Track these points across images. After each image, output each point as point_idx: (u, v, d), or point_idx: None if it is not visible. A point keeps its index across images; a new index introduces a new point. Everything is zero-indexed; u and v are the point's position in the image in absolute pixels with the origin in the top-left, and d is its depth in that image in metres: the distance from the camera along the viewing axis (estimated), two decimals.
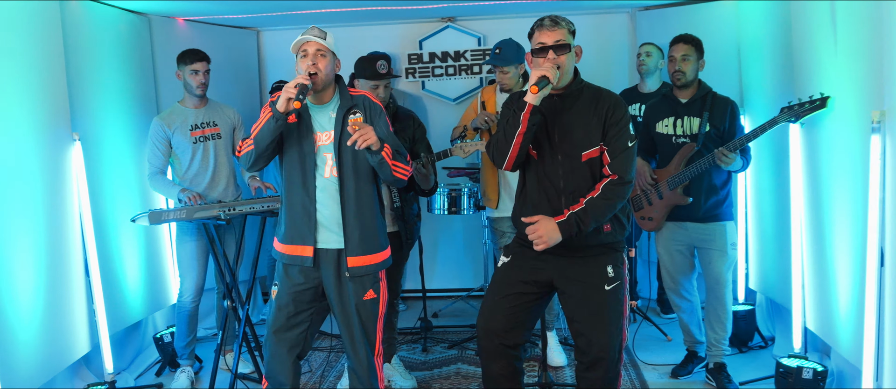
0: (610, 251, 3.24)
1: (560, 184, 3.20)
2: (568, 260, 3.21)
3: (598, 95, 3.23)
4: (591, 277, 3.20)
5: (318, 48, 3.26)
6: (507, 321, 3.29)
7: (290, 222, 3.38)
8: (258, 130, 3.21)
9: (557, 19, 3.13)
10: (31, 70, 3.94)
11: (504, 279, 3.36)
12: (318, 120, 3.36)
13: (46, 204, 4.00)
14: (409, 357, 5.05)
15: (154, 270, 5.12)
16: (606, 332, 3.16)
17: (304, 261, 3.36)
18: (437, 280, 6.62)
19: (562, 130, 3.19)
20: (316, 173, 3.33)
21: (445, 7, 6.06)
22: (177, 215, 4.13)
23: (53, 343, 4.01)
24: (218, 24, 6.14)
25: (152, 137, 4.54)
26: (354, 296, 3.40)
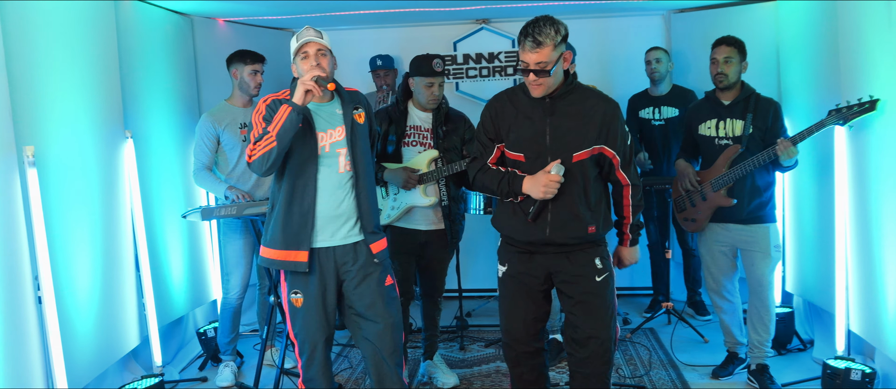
0: (594, 245, 3.37)
1: None
2: (559, 257, 3.33)
3: (589, 97, 3.29)
4: (583, 269, 3.33)
5: (319, 48, 3.33)
6: (527, 328, 3.44)
7: (285, 226, 3.36)
8: (279, 126, 3.16)
9: (540, 38, 3.06)
10: (89, 68, 4.02)
11: (510, 290, 3.47)
12: (321, 118, 3.40)
13: (102, 200, 4.08)
14: (447, 355, 5.10)
15: (196, 266, 5.21)
16: (601, 320, 3.31)
17: (298, 266, 3.36)
18: (471, 280, 6.66)
19: (553, 133, 3.24)
20: (323, 171, 3.36)
21: (480, 9, 6.12)
22: (227, 212, 4.20)
23: (107, 336, 4.08)
24: (256, 25, 6.21)
25: (201, 133, 4.60)
26: (378, 283, 3.47)
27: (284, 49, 6.48)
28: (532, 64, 3.10)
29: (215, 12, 5.63)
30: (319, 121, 3.38)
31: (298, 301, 3.45)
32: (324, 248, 3.40)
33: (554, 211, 3.26)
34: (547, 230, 3.28)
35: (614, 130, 3.26)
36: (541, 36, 3.06)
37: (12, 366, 3.11)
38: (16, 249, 3.17)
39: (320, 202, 3.36)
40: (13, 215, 3.17)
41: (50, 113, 3.64)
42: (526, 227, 3.31)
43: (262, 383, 4.51)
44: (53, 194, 3.60)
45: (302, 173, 3.34)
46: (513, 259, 3.43)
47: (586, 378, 3.38)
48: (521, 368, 3.52)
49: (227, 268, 4.72)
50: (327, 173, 3.37)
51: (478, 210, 5.44)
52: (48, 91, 3.63)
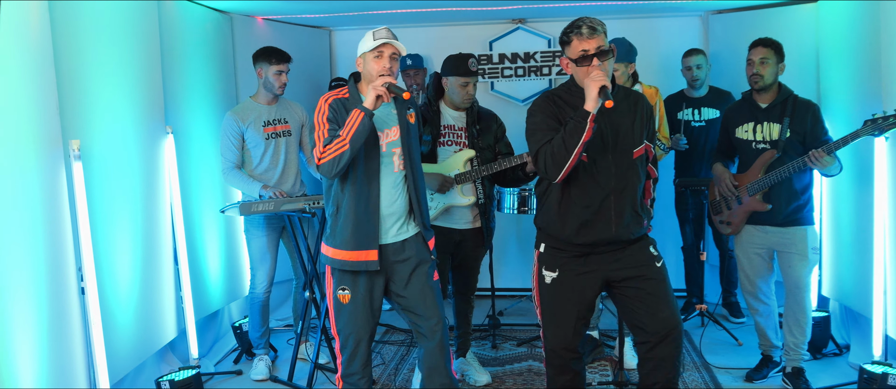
0: (646, 237, 3.43)
1: (612, 183, 3.27)
2: (614, 255, 3.34)
3: (632, 94, 3.39)
4: (642, 260, 3.35)
5: (394, 52, 3.38)
6: (576, 337, 3.43)
7: (355, 227, 3.40)
8: (352, 132, 3.21)
9: (595, 25, 3.13)
10: (133, 65, 4.11)
11: (563, 298, 3.41)
12: (383, 119, 3.45)
13: (144, 194, 4.17)
14: (479, 353, 5.12)
15: (233, 261, 5.28)
16: (670, 306, 3.34)
17: (369, 265, 3.41)
18: (504, 279, 6.68)
19: (613, 130, 3.27)
20: (384, 170, 3.42)
21: (516, 9, 6.13)
22: (266, 207, 4.27)
23: (146, 327, 4.17)
24: (294, 23, 6.27)
25: (226, 131, 4.63)
26: (427, 277, 3.53)
27: (319, 47, 6.61)
28: (592, 49, 3.12)
29: (254, 10, 5.70)
30: (379, 121, 3.43)
31: (345, 298, 3.48)
32: (384, 245, 3.47)
33: (617, 208, 3.26)
34: (613, 228, 3.27)
35: (652, 126, 3.37)
36: (594, 23, 3.13)
37: (56, 354, 3.19)
38: (61, 240, 3.25)
39: (383, 200, 3.43)
40: (59, 207, 3.25)
41: (95, 108, 3.72)
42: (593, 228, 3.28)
43: (296, 377, 4.58)
44: (97, 188, 3.68)
45: (367, 173, 3.40)
46: (565, 265, 3.38)
47: (659, 363, 3.36)
48: (566, 376, 3.47)
49: (254, 263, 4.78)
50: (385, 173, 3.44)
51: (512, 210, 5.46)
52: (94, 87, 3.72)
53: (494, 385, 4.57)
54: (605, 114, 3.19)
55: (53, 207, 3.21)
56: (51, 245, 3.17)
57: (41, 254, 3.11)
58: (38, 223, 3.09)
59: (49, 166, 3.17)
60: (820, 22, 5.16)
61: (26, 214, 3.04)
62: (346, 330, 3.51)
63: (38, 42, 3.10)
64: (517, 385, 4.57)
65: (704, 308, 5.42)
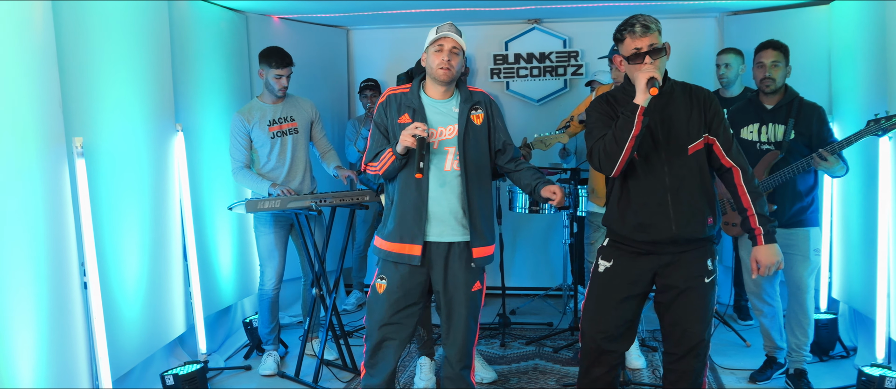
0: (710, 243, 3.32)
1: (666, 181, 3.23)
2: (672, 256, 3.28)
3: (689, 89, 3.30)
4: (694, 271, 3.28)
5: (454, 46, 3.39)
6: (617, 328, 3.38)
7: (400, 219, 3.46)
8: (384, 168, 3.41)
9: (648, 23, 3.12)
10: (141, 63, 4.17)
11: (611, 285, 3.39)
12: (440, 115, 3.47)
13: (152, 191, 4.24)
14: (487, 351, 5.15)
15: (245, 257, 5.35)
16: (704, 322, 3.30)
17: (412, 259, 3.45)
18: (516, 278, 6.70)
19: (664, 127, 3.23)
20: (434, 168, 3.43)
21: (532, 9, 6.15)
22: (272, 205, 4.33)
23: (153, 322, 4.24)
24: (311, 22, 6.34)
25: (234, 131, 4.69)
26: (465, 287, 3.52)
27: (336, 46, 6.67)
28: (645, 47, 3.11)
29: (270, 9, 5.78)
30: (434, 116, 3.46)
31: (381, 287, 3.53)
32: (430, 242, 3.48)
33: (676, 206, 3.22)
34: (672, 227, 3.23)
35: (714, 115, 3.25)
36: (648, 22, 3.12)
37: (57, 350, 3.25)
38: (63, 236, 3.31)
39: (431, 198, 3.45)
40: (61, 203, 3.31)
41: (101, 106, 3.79)
42: (653, 227, 3.25)
43: (304, 373, 4.63)
44: (103, 184, 3.76)
45: (410, 167, 3.41)
46: (620, 258, 3.37)
47: (681, 375, 3.36)
48: (600, 368, 3.41)
49: (263, 260, 4.83)
50: (434, 171, 3.44)
51: (524, 209, 5.48)
52: (100, 85, 3.79)
53: (499, 383, 4.59)
54: (657, 110, 3.18)
55: (55, 203, 3.27)
56: (52, 241, 3.23)
57: (42, 250, 3.17)
58: (39, 220, 3.16)
59: (51, 162, 3.23)
60: (832, 23, 5.12)
61: (27, 210, 3.10)
62: (371, 320, 3.56)
63: (41, 40, 3.17)
64: (521, 383, 4.58)
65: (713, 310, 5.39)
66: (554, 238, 6.61)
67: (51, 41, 3.23)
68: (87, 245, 3.43)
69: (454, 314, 3.55)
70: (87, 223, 3.43)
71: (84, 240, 3.42)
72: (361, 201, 4.45)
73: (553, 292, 6.57)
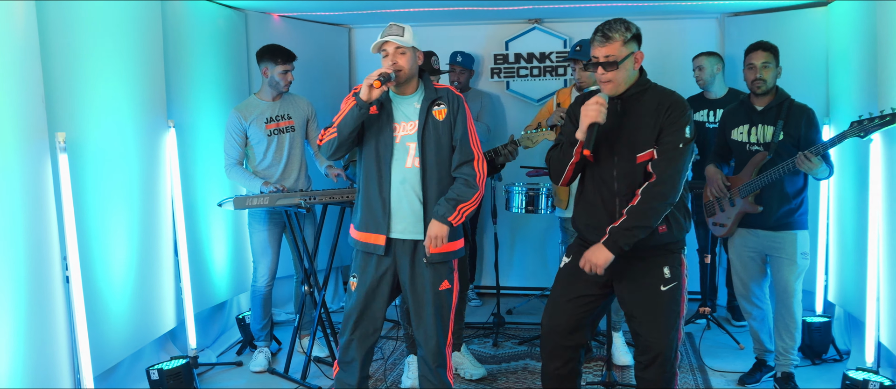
0: (667, 252, 3.26)
1: (614, 186, 3.23)
2: (626, 261, 3.24)
3: (661, 96, 3.22)
4: (648, 277, 3.24)
5: (398, 47, 3.39)
6: (570, 321, 3.36)
7: (366, 210, 3.51)
8: (341, 118, 3.36)
9: (609, 33, 3.09)
10: (131, 59, 4.20)
11: (567, 280, 3.41)
12: (401, 110, 3.48)
13: (141, 186, 4.27)
14: (479, 351, 5.15)
15: (239, 254, 5.39)
16: (662, 332, 3.22)
17: (377, 249, 3.48)
18: (513, 278, 6.70)
19: (619, 132, 3.21)
20: (394, 163, 3.44)
21: (532, 9, 6.14)
22: (260, 202, 4.35)
23: (142, 316, 4.28)
24: (311, 21, 6.36)
25: (229, 128, 4.72)
26: (431, 286, 3.52)
27: (338, 45, 6.69)
28: (600, 57, 3.12)
29: (270, 7, 5.80)
30: (397, 112, 3.48)
31: (353, 284, 3.57)
32: (392, 239, 3.50)
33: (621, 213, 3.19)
34: None
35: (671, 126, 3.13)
36: (610, 31, 3.11)
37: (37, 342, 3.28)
38: (44, 229, 3.34)
39: (393, 192, 3.46)
40: (43, 197, 3.34)
41: (88, 102, 3.82)
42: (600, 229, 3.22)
43: (293, 370, 4.65)
44: (90, 179, 3.80)
45: (377, 160, 3.46)
46: (578, 252, 3.35)
47: (648, 382, 3.32)
48: (556, 362, 3.40)
49: (256, 257, 4.86)
50: (396, 167, 3.46)
51: (520, 209, 5.48)
52: (87, 81, 3.82)
53: (487, 382, 4.59)
54: (615, 115, 3.18)
55: (36, 197, 3.30)
56: (32, 235, 3.26)
57: (21, 244, 3.19)
58: (18, 214, 3.18)
59: (32, 157, 3.26)
60: (830, 25, 5.09)
61: (6, 204, 3.12)
62: (346, 317, 3.59)
63: (23, 35, 3.19)
64: (509, 383, 4.58)
65: (708, 311, 5.37)
66: (550, 238, 6.59)
67: (34, 36, 3.26)
68: (70, 239, 3.46)
69: (423, 313, 3.55)
70: (70, 217, 3.46)
71: (66, 234, 3.45)
72: (352, 198, 4.47)
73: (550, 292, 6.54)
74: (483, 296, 6.59)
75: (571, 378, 3.44)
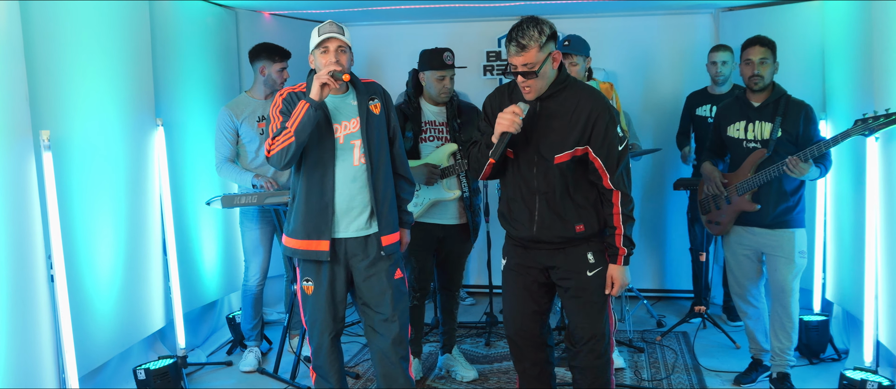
0: (589, 239, 3.30)
1: (534, 184, 3.24)
2: (553, 252, 3.30)
3: (581, 96, 3.19)
4: (575, 265, 3.29)
5: (339, 44, 3.33)
6: (525, 321, 3.42)
7: (305, 217, 3.42)
8: (297, 122, 3.23)
9: (524, 41, 3.02)
10: (118, 57, 4.17)
11: (511, 283, 3.45)
12: (338, 110, 3.42)
13: (128, 185, 4.23)
14: (471, 351, 5.11)
15: (231, 253, 5.35)
16: (589, 317, 3.31)
17: (320, 255, 3.42)
18: None
19: (538, 132, 3.19)
20: (340, 164, 3.39)
21: (525, 5, 6.09)
22: (248, 200, 4.30)
23: (130, 316, 4.23)
24: (303, 19, 6.32)
25: (220, 126, 4.68)
26: (387, 276, 3.49)
27: None
28: (519, 67, 3.07)
29: (261, 5, 5.76)
30: (335, 113, 3.42)
31: (309, 289, 3.51)
32: (338, 239, 3.45)
33: (540, 211, 3.25)
34: (534, 228, 3.27)
35: (599, 132, 3.16)
36: (524, 38, 3.03)
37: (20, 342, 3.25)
38: (28, 228, 3.31)
39: (338, 194, 3.40)
40: (26, 196, 3.31)
41: (73, 100, 3.79)
42: (519, 224, 3.30)
43: (282, 370, 4.61)
44: (75, 178, 3.76)
45: (320, 164, 3.39)
46: (512, 253, 3.43)
47: (582, 373, 3.38)
48: (525, 363, 3.49)
49: (247, 256, 4.83)
50: (343, 166, 3.41)
51: None
52: (72, 79, 3.78)
53: (479, 382, 4.55)
54: (533, 115, 3.17)
55: (20, 196, 3.27)
56: (15, 234, 3.23)
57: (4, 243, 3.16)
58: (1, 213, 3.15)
59: (16, 155, 3.23)
60: (826, 19, 5.05)
61: None
62: (311, 322, 3.55)
63: (6, 33, 3.16)
64: (501, 382, 4.55)
65: (703, 310, 5.33)
66: None
67: (17, 34, 3.23)
68: (54, 238, 3.42)
69: (382, 300, 3.49)
70: (54, 216, 3.43)
71: (51, 233, 3.41)
72: None
73: None
74: (475, 295, 6.55)
75: (544, 376, 3.51)
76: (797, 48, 5.18)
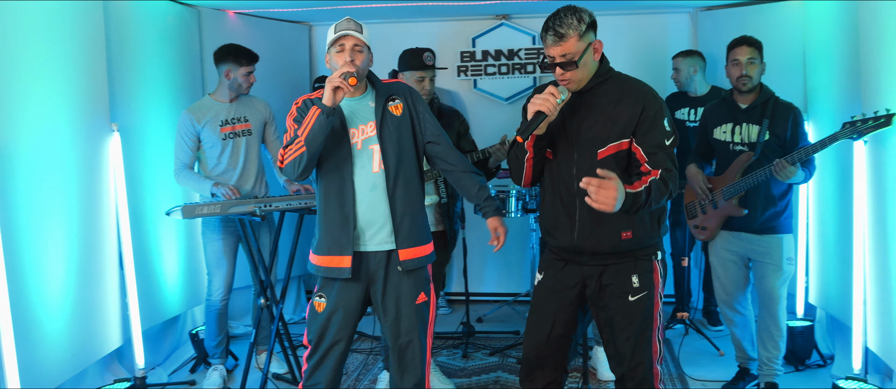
0: (635, 258, 3.00)
1: (574, 186, 2.94)
2: (595, 268, 3.01)
3: (626, 87, 2.94)
4: (615, 289, 2.99)
5: (356, 43, 3.08)
6: (548, 342, 3.10)
7: (326, 231, 3.18)
8: (308, 130, 2.99)
9: (562, 30, 2.79)
10: (70, 63, 3.91)
11: (544, 300, 3.14)
12: (355, 114, 3.18)
13: (81, 195, 3.97)
14: (448, 363, 4.90)
15: (193, 265, 5.07)
16: (632, 345, 2.98)
17: (341, 273, 3.15)
18: (484, 284, 6.47)
19: (579, 126, 2.94)
20: (358, 171, 3.14)
21: (500, 4, 5.91)
22: (211, 210, 4.05)
23: (83, 336, 3.97)
24: (269, 18, 6.07)
25: (181, 130, 4.43)
26: (409, 299, 3.22)
27: (298, 43, 6.41)
28: (557, 57, 2.83)
29: (225, 4, 5.51)
30: (351, 116, 3.17)
31: (320, 306, 3.23)
32: (361, 253, 3.19)
33: (581, 214, 2.95)
34: (575, 235, 2.98)
35: (645, 123, 2.87)
36: (562, 27, 2.79)
37: None
38: None
39: (359, 204, 3.15)
40: None
41: (20, 106, 3.53)
42: (559, 231, 3.02)
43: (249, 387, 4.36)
44: (21, 187, 3.51)
45: (337, 173, 3.14)
46: (549, 268, 3.13)
47: None
48: (530, 384, 3.16)
49: (210, 268, 4.57)
50: (362, 173, 3.15)
51: None
52: (18, 84, 3.53)
53: None
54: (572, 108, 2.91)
55: None
56: None
57: None
58: None
59: None
60: (807, 19, 4.92)
61: None
62: (315, 339, 3.25)
63: None
64: None
65: (686, 316, 5.17)
66: (522, 242, 6.35)
67: None
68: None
69: (402, 334, 3.23)
70: None
71: None
72: (311, 205, 4.18)
73: (523, 298, 6.32)
74: (452, 303, 6.34)
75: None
76: (778, 49, 5.02)
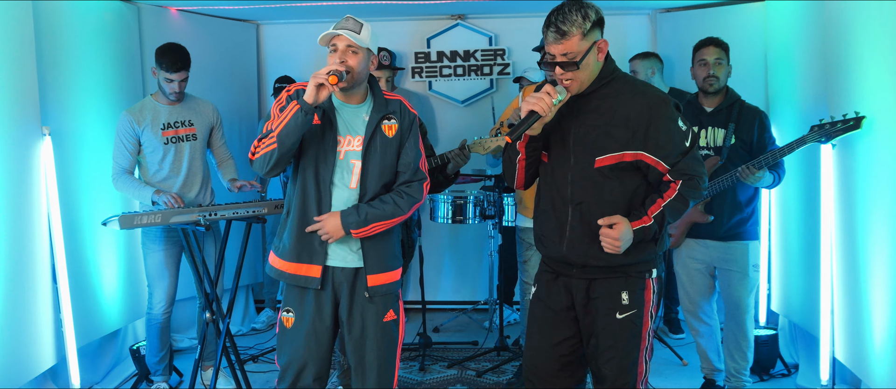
0: (626, 275, 2.81)
1: (567, 193, 2.78)
2: (587, 283, 2.83)
3: (631, 91, 2.75)
4: (602, 304, 2.81)
5: (350, 44, 2.87)
6: (552, 361, 2.92)
7: (298, 236, 2.99)
8: (282, 126, 2.80)
9: (564, 27, 2.61)
10: None
11: (541, 315, 2.96)
12: (346, 122, 2.99)
13: (8, 204, 3.68)
14: (404, 377, 4.70)
15: (134, 276, 4.80)
16: (616, 366, 2.80)
17: (310, 282, 2.98)
18: (440, 292, 6.29)
19: (577, 130, 2.77)
20: (337, 182, 2.96)
21: (455, 3, 5.75)
22: (151, 220, 3.79)
23: (13, 355, 3.68)
24: (214, 16, 5.81)
25: (120, 133, 4.18)
26: (375, 317, 3.04)
27: (245, 42, 6.16)
28: (557, 55, 2.65)
29: (166, 0, 5.25)
30: (342, 124, 2.97)
31: (289, 321, 3.04)
32: (330, 266, 3.00)
33: (571, 225, 2.78)
34: (564, 246, 2.81)
35: (655, 132, 2.70)
36: (565, 24, 2.60)
37: None
38: None
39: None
40: None
41: None
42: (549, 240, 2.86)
43: None
44: None
45: (318, 177, 2.95)
46: (541, 280, 2.97)
47: None
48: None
49: (151, 281, 4.31)
50: (340, 186, 2.98)
51: (446, 219, 5.08)
52: None
53: None
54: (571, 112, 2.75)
55: None
56: None
57: None
58: None
59: None
60: (768, 22, 4.84)
61: None
62: (285, 358, 3.05)
63: None
64: None
65: None
66: (480, 249, 6.18)
67: None
68: None
69: (367, 353, 3.04)
70: None
71: None
72: (259, 214, 3.95)
73: (481, 306, 6.15)
74: (408, 312, 6.13)
75: None
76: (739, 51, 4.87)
